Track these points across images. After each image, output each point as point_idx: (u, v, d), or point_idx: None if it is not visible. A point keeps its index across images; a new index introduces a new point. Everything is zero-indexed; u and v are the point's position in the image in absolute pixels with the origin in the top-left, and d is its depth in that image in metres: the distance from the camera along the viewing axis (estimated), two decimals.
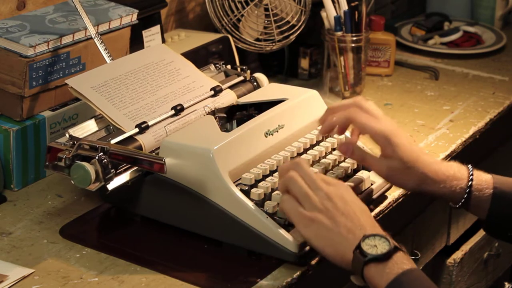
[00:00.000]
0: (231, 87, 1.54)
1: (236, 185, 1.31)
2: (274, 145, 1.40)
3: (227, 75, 1.61)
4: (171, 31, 1.95)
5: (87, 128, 1.40)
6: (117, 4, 1.64)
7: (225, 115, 1.49)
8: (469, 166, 1.37)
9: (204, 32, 1.89)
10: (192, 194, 1.32)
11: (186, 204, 1.33)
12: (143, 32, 1.75)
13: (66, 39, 1.52)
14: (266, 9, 1.83)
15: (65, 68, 1.53)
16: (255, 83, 1.58)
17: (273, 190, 1.33)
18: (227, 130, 1.45)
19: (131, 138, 1.37)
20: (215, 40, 1.82)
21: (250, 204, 1.29)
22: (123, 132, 1.37)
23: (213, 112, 1.47)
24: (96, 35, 1.51)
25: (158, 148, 1.37)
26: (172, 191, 1.34)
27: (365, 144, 1.44)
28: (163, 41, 1.81)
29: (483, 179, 1.36)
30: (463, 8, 2.39)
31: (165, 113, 1.42)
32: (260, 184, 1.33)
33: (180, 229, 1.36)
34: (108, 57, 1.50)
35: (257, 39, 1.83)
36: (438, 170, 1.34)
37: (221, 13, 1.82)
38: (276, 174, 1.35)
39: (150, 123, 1.39)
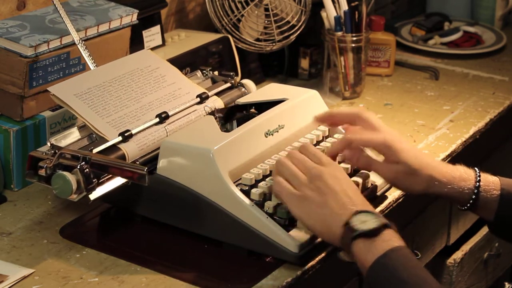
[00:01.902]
0: (217, 94, 1.52)
1: (236, 185, 1.31)
2: (274, 145, 1.40)
3: (214, 81, 1.59)
4: (171, 31, 1.95)
5: (69, 137, 1.38)
6: (117, 4, 1.64)
7: (225, 115, 1.49)
8: (476, 169, 1.37)
9: (204, 32, 1.89)
10: (192, 194, 1.32)
11: (186, 204, 1.33)
12: (143, 32, 1.75)
13: (66, 39, 1.52)
14: (266, 9, 1.83)
15: (65, 68, 1.53)
16: (243, 89, 1.57)
17: None
18: (227, 130, 1.45)
19: (114, 147, 1.35)
20: (215, 40, 1.82)
21: (250, 204, 1.29)
22: (106, 141, 1.35)
23: (213, 112, 1.47)
24: (80, 41, 1.48)
25: (143, 156, 1.36)
26: (172, 191, 1.34)
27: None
28: (163, 41, 1.81)
29: (491, 181, 1.36)
30: (463, 8, 2.39)
31: (150, 121, 1.40)
32: (260, 184, 1.33)
33: (180, 229, 1.36)
34: (92, 63, 1.48)
35: (257, 39, 1.83)
36: (445, 172, 1.35)
37: (221, 13, 1.82)
38: None
39: (133, 132, 1.37)
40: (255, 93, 1.54)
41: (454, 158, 1.67)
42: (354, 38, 1.87)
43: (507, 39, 2.23)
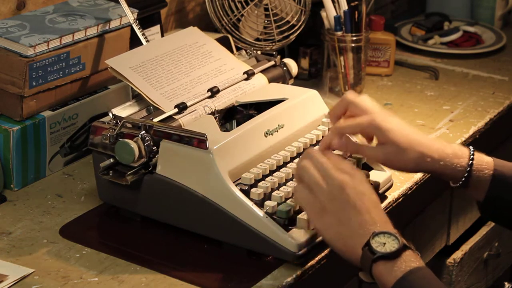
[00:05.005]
0: (262, 72, 1.58)
1: (236, 185, 1.31)
2: (274, 145, 1.40)
3: (257, 60, 1.65)
4: (171, 31, 1.95)
5: (128, 109, 1.44)
6: (117, 4, 1.64)
7: (224, 115, 1.49)
8: (471, 147, 1.37)
9: (204, 32, 1.89)
10: (192, 194, 1.32)
11: (186, 204, 1.33)
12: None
13: (66, 39, 1.52)
14: (266, 9, 1.83)
15: (65, 68, 1.53)
16: (284, 68, 1.62)
17: (272, 190, 1.33)
18: (227, 130, 1.45)
19: (170, 118, 1.41)
20: (215, 40, 1.82)
21: (249, 204, 1.29)
22: (163, 112, 1.41)
23: (213, 112, 1.47)
24: (135, 21, 1.57)
25: None
26: (172, 191, 1.34)
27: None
28: None
29: (484, 160, 1.35)
30: (463, 8, 2.39)
31: (202, 95, 1.47)
32: (260, 184, 1.33)
33: (180, 229, 1.36)
34: (144, 39, 1.56)
35: (257, 39, 1.83)
36: (436, 148, 1.34)
37: (221, 13, 1.82)
38: (275, 174, 1.35)
39: (188, 104, 1.43)
40: (255, 92, 1.54)
41: None
42: (354, 38, 1.87)
43: (507, 39, 2.23)
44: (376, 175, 1.44)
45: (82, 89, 1.58)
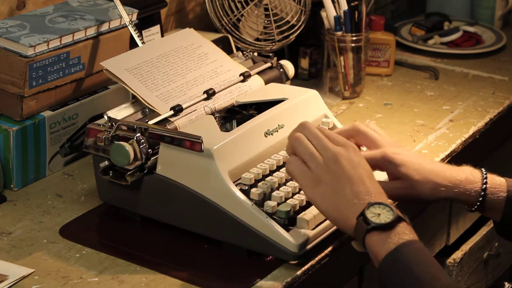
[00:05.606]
0: (258, 73, 1.58)
1: (236, 185, 1.31)
2: (274, 145, 1.40)
3: (254, 62, 1.64)
4: (171, 31, 1.95)
5: (124, 111, 1.43)
6: None
7: (224, 115, 1.49)
8: (483, 169, 1.37)
9: (204, 32, 1.89)
10: (192, 194, 1.32)
11: (186, 204, 1.33)
12: (143, 32, 1.75)
13: (66, 39, 1.52)
14: (266, 9, 1.83)
15: (65, 68, 1.53)
16: (281, 70, 1.61)
17: (272, 190, 1.33)
18: (227, 130, 1.45)
19: (166, 120, 1.40)
20: (215, 40, 1.82)
21: (249, 204, 1.29)
22: (158, 115, 1.40)
23: (212, 112, 1.47)
24: (130, 22, 1.56)
25: None
26: (172, 191, 1.34)
27: None
28: None
29: (497, 183, 1.36)
30: (463, 8, 2.39)
31: (197, 97, 1.46)
32: (260, 184, 1.33)
33: (180, 229, 1.36)
34: (140, 40, 1.55)
35: (257, 39, 1.83)
36: (450, 176, 1.34)
37: (221, 13, 1.82)
38: (275, 174, 1.35)
39: (183, 106, 1.42)
40: (255, 92, 1.54)
41: (454, 158, 1.67)
42: (354, 38, 1.87)
43: (507, 39, 2.23)
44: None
45: (82, 89, 1.58)
